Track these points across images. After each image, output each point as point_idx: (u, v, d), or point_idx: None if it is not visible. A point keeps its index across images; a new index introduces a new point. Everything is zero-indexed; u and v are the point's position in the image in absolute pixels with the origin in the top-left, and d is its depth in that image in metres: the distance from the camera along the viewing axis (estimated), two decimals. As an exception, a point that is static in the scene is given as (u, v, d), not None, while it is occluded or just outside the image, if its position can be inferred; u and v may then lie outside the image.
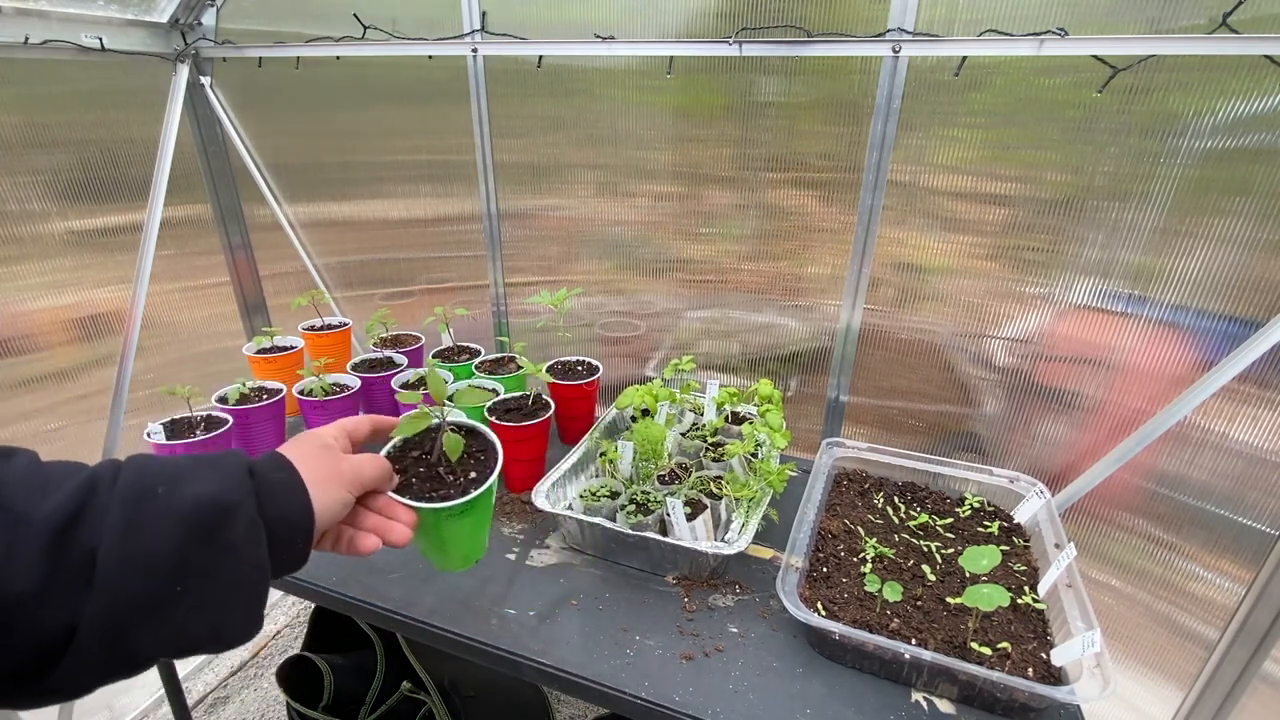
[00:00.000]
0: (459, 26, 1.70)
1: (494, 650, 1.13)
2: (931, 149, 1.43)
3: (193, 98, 2.05)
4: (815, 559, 1.28)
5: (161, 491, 0.53)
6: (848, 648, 1.08)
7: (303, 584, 1.27)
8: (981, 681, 0.99)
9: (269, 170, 2.16)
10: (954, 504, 1.48)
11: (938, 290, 1.55)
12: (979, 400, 1.61)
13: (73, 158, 1.79)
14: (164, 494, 0.53)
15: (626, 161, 1.72)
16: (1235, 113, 1.18)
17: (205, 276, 2.24)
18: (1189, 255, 1.30)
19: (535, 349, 2.03)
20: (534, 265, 1.96)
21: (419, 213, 2.03)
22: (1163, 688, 1.52)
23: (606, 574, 1.30)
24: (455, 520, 0.82)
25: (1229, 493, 1.37)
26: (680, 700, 1.03)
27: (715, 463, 1.47)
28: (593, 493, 1.37)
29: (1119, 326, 1.41)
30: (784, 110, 1.52)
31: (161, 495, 0.53)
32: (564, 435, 1.77)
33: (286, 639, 2.47)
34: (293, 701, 1.68)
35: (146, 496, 0.53)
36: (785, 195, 1.60)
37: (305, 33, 1.86)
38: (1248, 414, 1.31)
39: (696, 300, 1.82)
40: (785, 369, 1.79)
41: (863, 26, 1.38)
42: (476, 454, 0.90)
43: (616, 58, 1.61)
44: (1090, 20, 1.23)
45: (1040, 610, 1.17)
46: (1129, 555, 1.52)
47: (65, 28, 1.70)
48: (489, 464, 0.88)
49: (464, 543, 0.88)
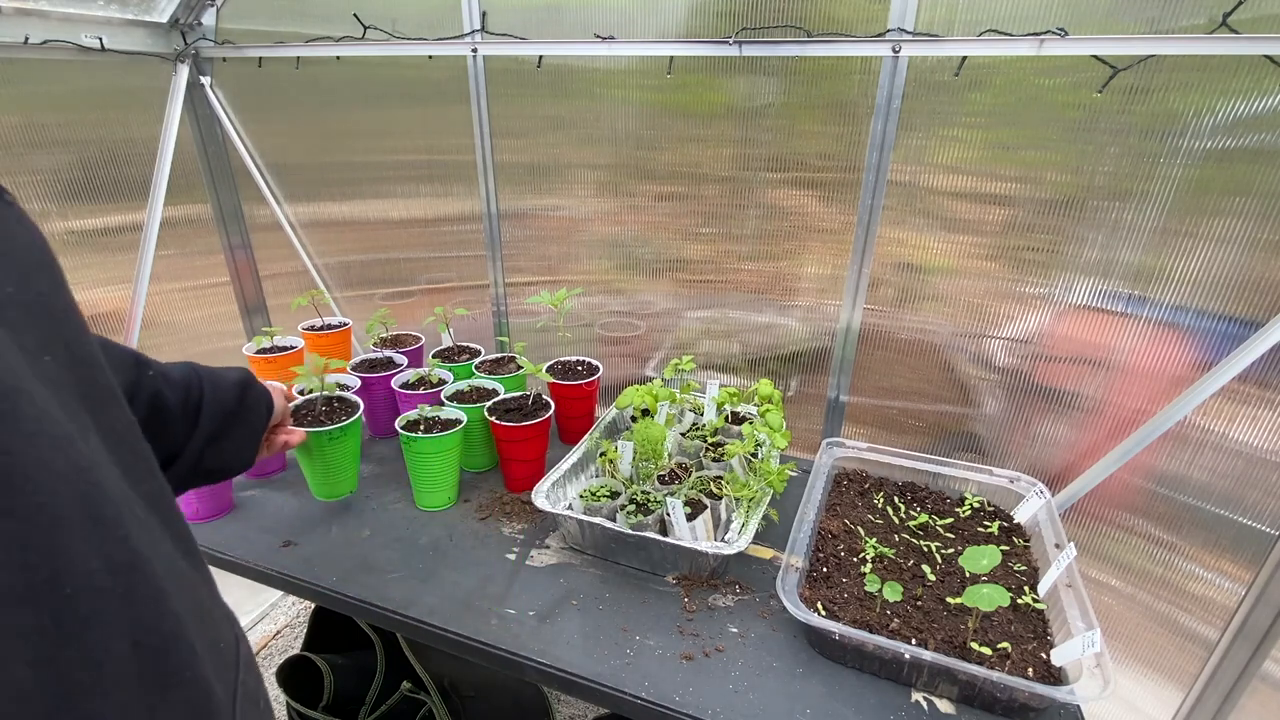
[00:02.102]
0: (459, 26, 1.70)
1: (494, 650, 1.13)
2: (931, 149, 1.43)
3: (193, 98, 2.05)
4: (815, 559, 1.28)
5: (220, 372, 0.97)
6: (848, 648, 1.08)
7: (303, 584, 1.27)
8: (981, 681, 0.99)
9: (269, 170, 2.16)
10: (954, 504, 1.48)
11: (938, 290, 1.55)
12: (979, 400, 1.61)
13: (73, 158, 1.79)
14: (221, 373, 0.97)
15: (626, 161, 1.72)
16: (1235, 113, 1.18)
17: (205, 276, 2.24)
18: (1189, 255, 1.30)
19: (535, 349, 2.03)
20: (534, 265, 1.96)
21: (419, 213, 2.03)
22: (1163, 688, 1.52)
23: (606, 574, 1.30)
24: (325, 444, 1.36)
25: (1229, 493, 1.37)
26: (680, 700, 1.03)
27: (715, 463, 1.47)
28: (593, 493, 1.37)
29: (1119, 327, 1.41)
30: (784, 110, 1.52)
31: (221, 373, 0.97)
32: (564, 435, 1.77)
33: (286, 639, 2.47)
34: (293, 701, 1.68)
35: (216, 374, 0.96)
36: (785, 195, 1.60)
37: (305, 33, 1.86)
38: (1248, 414, 1.31)
39: (696, 300, 1.82)
40: (785, 369, 1.79)
41: (863, 26, 1.38)
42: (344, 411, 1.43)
43: (616, 58, 1.61)
44: (1090, 20, 1.23)
45: (1040, 610, 1.17)
46: (1129, 555, 1.52)
47: (65, 28, 1.70)
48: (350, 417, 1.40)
49: (335, 471, 1.41)
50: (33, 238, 0.43)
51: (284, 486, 1.57)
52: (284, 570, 1.29)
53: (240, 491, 1.54)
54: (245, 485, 1.57)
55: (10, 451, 0.32)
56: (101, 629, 0.35)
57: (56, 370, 0.39)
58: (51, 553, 0.33)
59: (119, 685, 0.35)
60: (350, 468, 1.45)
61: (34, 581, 0.32)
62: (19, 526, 0.32)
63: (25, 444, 0.33)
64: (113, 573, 0.37)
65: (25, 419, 0.34)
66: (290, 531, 1.40)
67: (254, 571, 1.32)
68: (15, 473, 0.32)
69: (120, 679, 0.36)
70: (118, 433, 0.44)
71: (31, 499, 0.33)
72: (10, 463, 0.32)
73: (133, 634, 0.37)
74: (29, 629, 0.31)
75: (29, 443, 0.33)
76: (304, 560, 1.32)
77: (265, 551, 1.34)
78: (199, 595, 0.47)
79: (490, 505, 1.50)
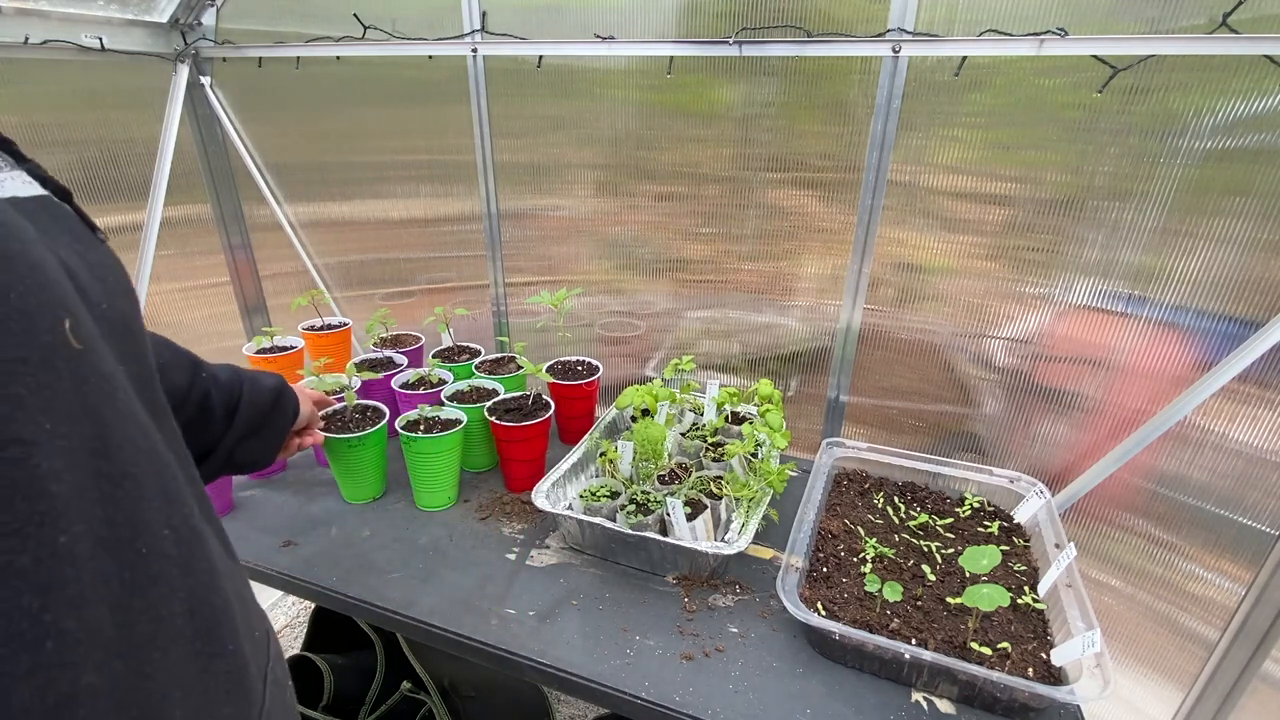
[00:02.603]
0: (459, 26, 1.70)
1: (494, 650, 1.13)
2: (931, 149, 1.43)
3: (193, 98, 2.05)
4: (815, 559, 1.28)
5: (259, 377, 1.07)
6: (848, 648, 1.08)
7: (303, 584, 1.27)
8: (981, 681, 0.99)
9: (269, 170, 2.16)
10: (954, 504, 1.48)
11: (938, 290, 1.55)
12: (979, 400, 1.61)
13: (73, 158, 1.79)
14: (260, 377, 1.07)
15: (626, 161, 1.72)
16: (1235, 113, 1.18)
17: (205, 276, 2.24)
18: (1189, 255, 1.30)
19: (535, 349, 2.03)
20: (534, 265, 1.96)
21: (419, 213, 2.03)
22: (1163, 688, 1.52)
23: (606, 574, 1.30)
24: (350, 450, 1.43)
25: (1229, 493, 1.37)
26: (680, 700, 1.03)
27: (715, 463, 1.47)
28: (593, 493, 1.37)
29: (1119, 327, 1.41)
30: (784, 110, 1.52)
31: (259, 378, 1.07)
32: (564, 435, 1.77)
33: (286, 639, 2.47)
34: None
35: (255, 377, 1.06)
36: (785, 195, 1.60)
37: (305, 33, 1.86)
38: (1248, 414, 1.31)
39: (696, 300, 1.81)
40: (785, 369, 1.79)
41: (863, 26, 1.38)
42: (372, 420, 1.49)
43: (616, 58, 1.61)
44: (1090, 20, 1.23)
45: (1040, 610, 1.17)
46: (1129, 555, 1.52)
47: (65, 28, 1.70)
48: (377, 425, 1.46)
49: (362, 475, 1.48)
50: (120, 268, 0.50)
51: (284, 486, 1.57)
52: (284, 570, 1.29)
53: (240, 491, 1.54)
54: (245, 485, 1.57)
55: (111, 424, 0.39)
56: (166, 588, 0.41)
57: (129, 381, 0.45)
58: (134, 513, 0.39)
59: (175, 643, 0.41)
60: (375, 472, 1.50)
61: (120, 536, 0.38)
62: (112, 488, 0.38)
63: (120, 420, 0.40)
64: (178, 543, 0.43)
65: (121, 401, 0.40)
66: (290, 531, 1.40)
67: (254, 571, 1.32)
68: (112, 442, 0.39)
69: (176, 637, 0.41)
70: (169, 439, 0.50)
71: (123, 467, 0.39)
72: (109, 434, 0.38)
73: (189, 601, 0.43)
74: (110, 573, 0.37)
75: (122, 420, 0.40)
76: (304, 560, 1.32)
77: (265, 551, 1.34)
78: (238, 584, 0.53)
79: (490, 505, 1.50)
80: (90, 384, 0.38)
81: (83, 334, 0.38)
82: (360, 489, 1.50)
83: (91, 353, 0.39)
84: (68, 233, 0.46)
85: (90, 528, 0.35)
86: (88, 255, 0.45)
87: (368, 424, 1.45)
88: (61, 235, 0.44)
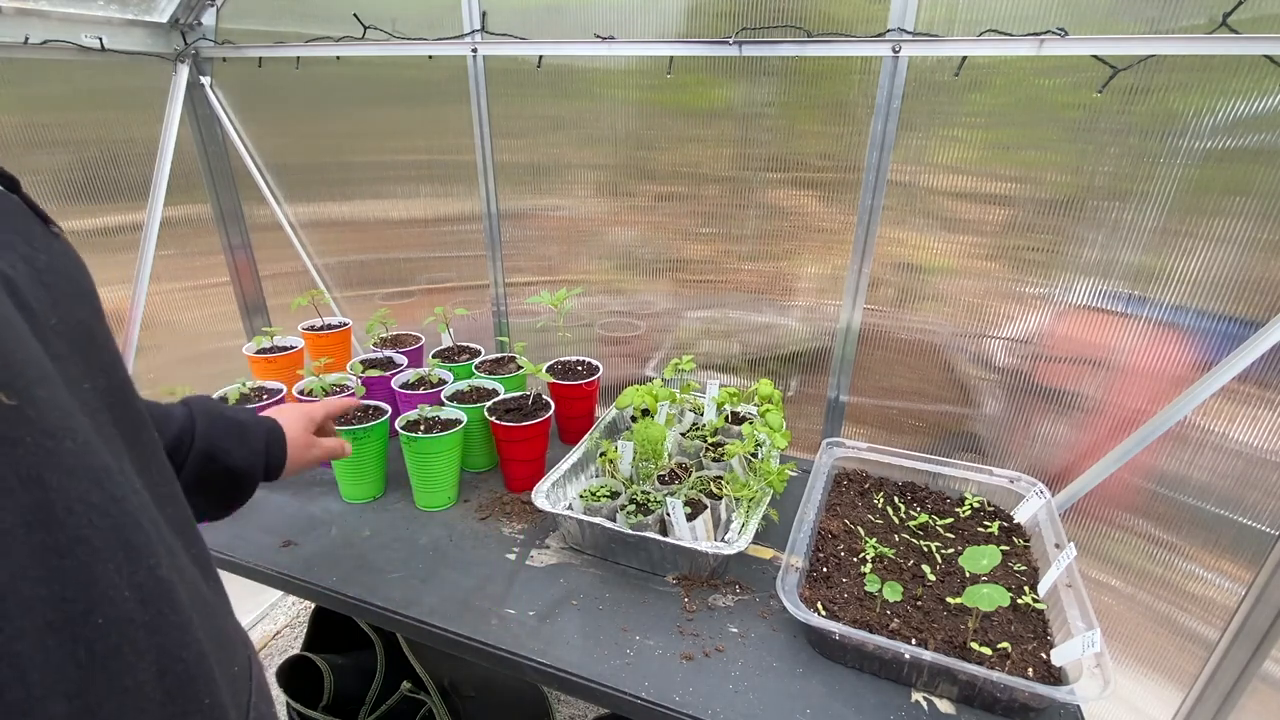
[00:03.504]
0: (459, 26, 1.70)
1: (494, 650, 1.13)
2: (931, 149, 1.43)
3: (193, 98, 2.05)
4: (815, 559, 1.28)
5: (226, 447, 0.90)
6: (848, 648, 1.08)
7: (303, 584, 1.27)
8: (981, 681, 0.99)
9: (269, 170, 2.16)
10: (954, 504, 1.48)
11: (938, 290, 1.55)
12: (979, 400, 1.61)
13: (73, 158, 1.79)
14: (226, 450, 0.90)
15: (626, 161, 1.72)
16: (1235, 113, 1.18)
17: (205, 276, 2.24)
18: (1189, 255, 1.30)
19: (535, 349, 2.03)
20: (534, 265, 1.96)
21: (419, 213, 2.03)
22: (1163, 688, 1.52)
23: (606, 574, 1.30)
24: (355, 442, 1.39)
25: (1229, 493, 1.37)
26: (680, 700, 1.03)
27: (715, 463, 1.47)
28: (593, 493, 1.37)
29: (1119, 327, 1.41)
30: (784, 110, 1.52)
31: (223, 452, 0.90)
32: (564, 435, 1.77)
33: (286, 639, 2.46)
34: (292, 701, 1.68)
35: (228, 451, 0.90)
36: (785, 195, 1.60)
37: (305, 33, 1.86)
38: (1248, 414, 1.31)
39: (696, 300, 1.81)
40: (785, 369, 1.79)
41: (863, 26, 1.38)
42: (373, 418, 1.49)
43: (616, 58, 1.61)
44: (1090, 20, 1.23)
45: (1040, 610, 1.17)
46: (1129, 555, 1.52)
47: (65, 28, 1.70)
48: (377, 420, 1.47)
49: (363, 473, 1.48)
50: (76, 267, 0.46)
51: (284, 486, 1.57)
52: (284, 570, 1.29)
53: (240, 491, 1.54)
54: (245, 485, 1.57)
55: (54, 488, 0.34)
56: (130, 657, 0.36)
57: (95, 398, 0.41)
58: (88, 584, 0.34)
59: (143, 712, 0.37)
60: (375, 471, 1.51)
61: (72, 614, 0.33)
62: (59, 561, 0.33)
63: (68, 479, 0.35)
64: (143, 602, 0.38)
65: (68, 455, 0.35)
66: (290, 531, 1.40)
67: (254, 571, 1.32)
68: (57, 508, 0.34)
69: (145, 706, 0.37)
70: (146, 457, 0.47)
71: (72, 532, 0.34)
72: (52, 501, 0.33)
73: (159, 662, 0.38)
74: (63, 661, 0.32)
75: (71, 478, 0.35)
76: (304, 560, 1.32)
77: (265, 551, 1.34)
78: (217, 620, 0.49)
79: (490, 505, 1.50)
80: (25, 446, 0.32)
81: (18, 384, 0.33)
82: (360, 489, 1.50)
83: (29, 404, 0.33)
84: (12, 230, 0.41)
85: (33, 616, 0.31)
86: (35, 258, 0.41)
87: (370, 419, 1.46)
88: (4, 234, 0.40)
